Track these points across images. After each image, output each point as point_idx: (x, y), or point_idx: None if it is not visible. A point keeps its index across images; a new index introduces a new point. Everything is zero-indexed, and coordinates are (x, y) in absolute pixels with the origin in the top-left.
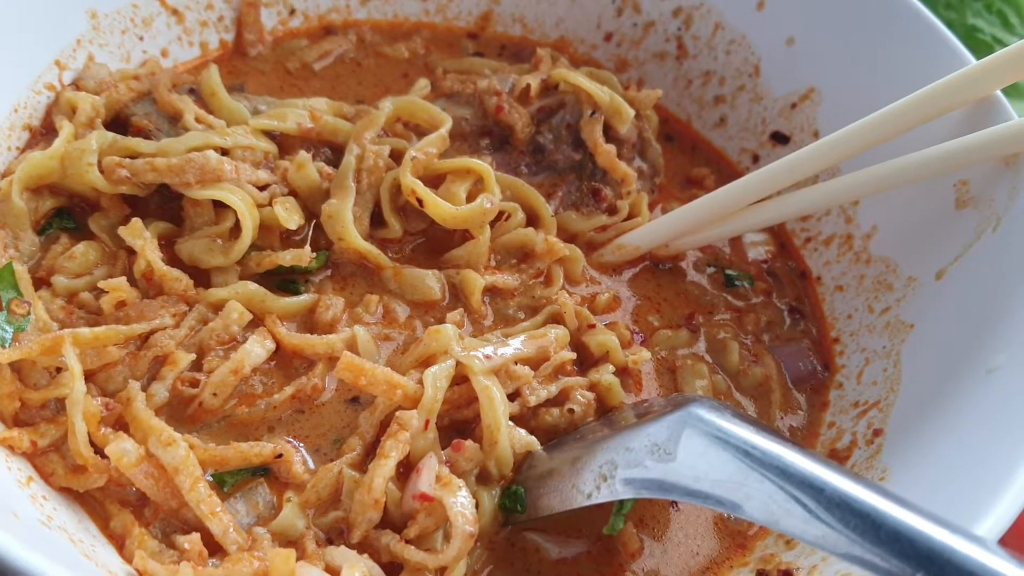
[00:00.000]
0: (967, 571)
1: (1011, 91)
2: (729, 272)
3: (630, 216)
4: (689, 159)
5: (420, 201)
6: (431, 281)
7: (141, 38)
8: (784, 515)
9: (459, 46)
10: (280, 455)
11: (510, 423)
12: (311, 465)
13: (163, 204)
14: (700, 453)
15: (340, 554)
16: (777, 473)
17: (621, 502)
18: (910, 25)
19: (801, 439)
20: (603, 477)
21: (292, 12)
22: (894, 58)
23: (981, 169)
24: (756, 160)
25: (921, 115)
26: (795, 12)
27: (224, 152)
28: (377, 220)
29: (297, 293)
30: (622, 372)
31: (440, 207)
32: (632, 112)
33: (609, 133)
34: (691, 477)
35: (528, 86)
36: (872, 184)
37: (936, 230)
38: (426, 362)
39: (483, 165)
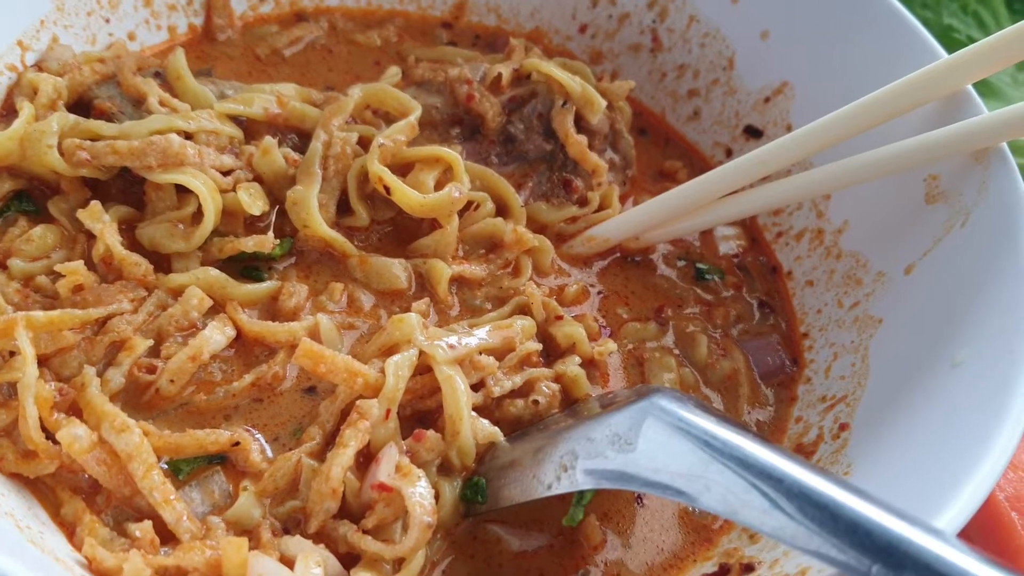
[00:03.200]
0: (924, 563)
1: (987, 92)
2: (700, 266)
3: (601, 208)
4: (662, 152)
5: (387, 189)
6: (397, 270)
7: (107, 20)
8: (742, 506)
9: (433, 35)
10: (237, 443)
11: (473, 414)
12: (269, 454)
13: (125, 188)
14: (661, 443)
15: (295, 544)
16: (736, 463)
17: (581, 493)
18: (883, 20)
19: (768, 434)
20: (564, 467)
21: None
22: (867, 53)
23: (951, 164)
24: (729, 154)
25: (892, 109)
26: (770, 6)
27: (188, 136)
28: (344, 208)
29: (260, 280)
30: (589, 364)
31: (407, 195)
32: (604, 103)
33: (581, 124)
34: (651, 468)
35: (500, 75)
36: (843, 177)
37: (906, 225)
38: (389, 351)
39: (452, 154)
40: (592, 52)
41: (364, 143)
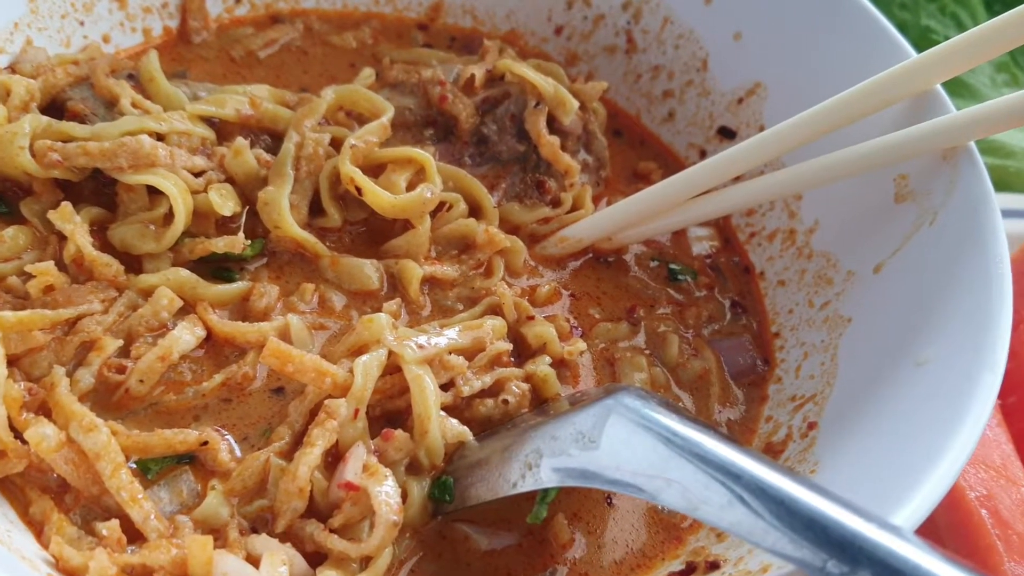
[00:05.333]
0: (878, 558)
1: (966, 93)
2: (672, 266)
3: (574, 208)
4: (637, 153)
5: (359, 190)
6: (369, 270)
7: (82, 23)
8: (702, 502)
9: (408, 36)
10: (205, 443)
11: (442, 413)
12: (238, 454)
13: (98, 190)
14: (623, 440)
15: (262, 542)
16: (696, 459)
17: (545, 490)
18: (853, 20)
19: (739, 433)
20: (529, 466)
21: (238, 0)
22: (838, 53)
23: (920, 163)
24: (703, 155)
25: (863, 108)
26: (742, 7)
27: (160, 137)
28: (316, 209)
29: (232, 281)
30: (560, 364)
31: (379, 196)
32: (576, 103)
33: (553, 125)
34: (613, 466)
35: (473, 76)
36: (814, 177)
37: (876, 224)
38: (359, 351)
39: (424, 154)
40: (568, 53)
41: (337, 144)
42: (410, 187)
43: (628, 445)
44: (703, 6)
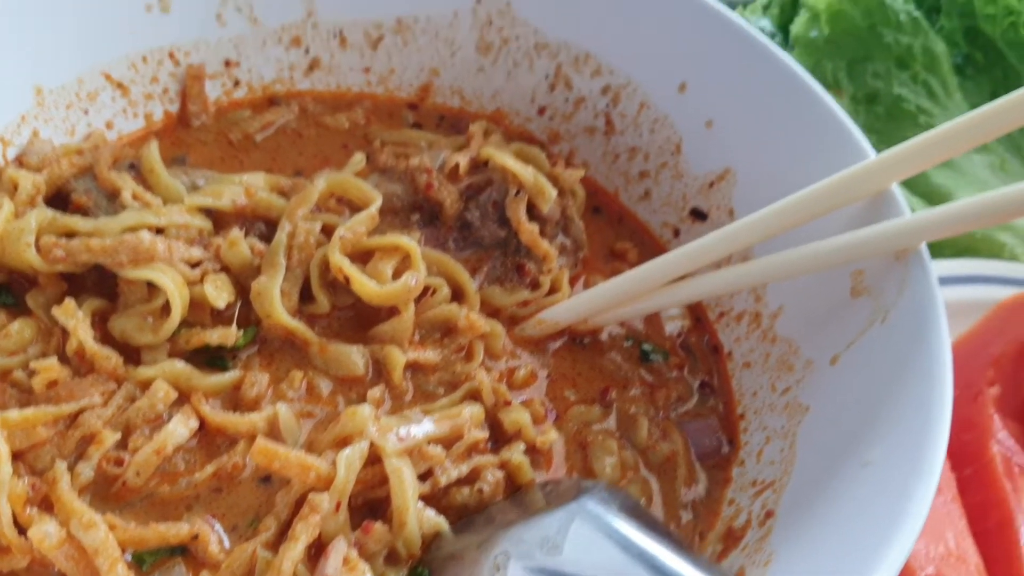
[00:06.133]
0: None
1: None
2: (645, 347)
3: (552, 290)
4: (615, 231)
5: (347, 279)
6: (356, 357)
7: (86, 111)
8: None
9: (399, 116)
10: (196, 536)
11: (420, 503)
12: (227, 544)
13: (100, 280)
14: (584, 547)
15: None
16: (651, 569)
17: None
18: (817, 117)
19: (703, 516)
20: (497, 567)
21: (236, 83)
22: (802, 147)
23: (876, 260)
24: (677, 234)
25: (825, 205)
26: (714, 97)
27: (159, 230)
28: (307, 294)
29: (225, 368)
30: (533, 450)
31: (365, 286)
32: (554, 193)
33: (533, 211)
34: (574, 572)
35: (458, 165)
36: (777, 271)
37: (834, 315)
38: (343, 441)
39: (410, 243)
40: (550, 133)
41: (328, 231)
42: (397, 273)
43: (589, 552)
44: (677, 93)
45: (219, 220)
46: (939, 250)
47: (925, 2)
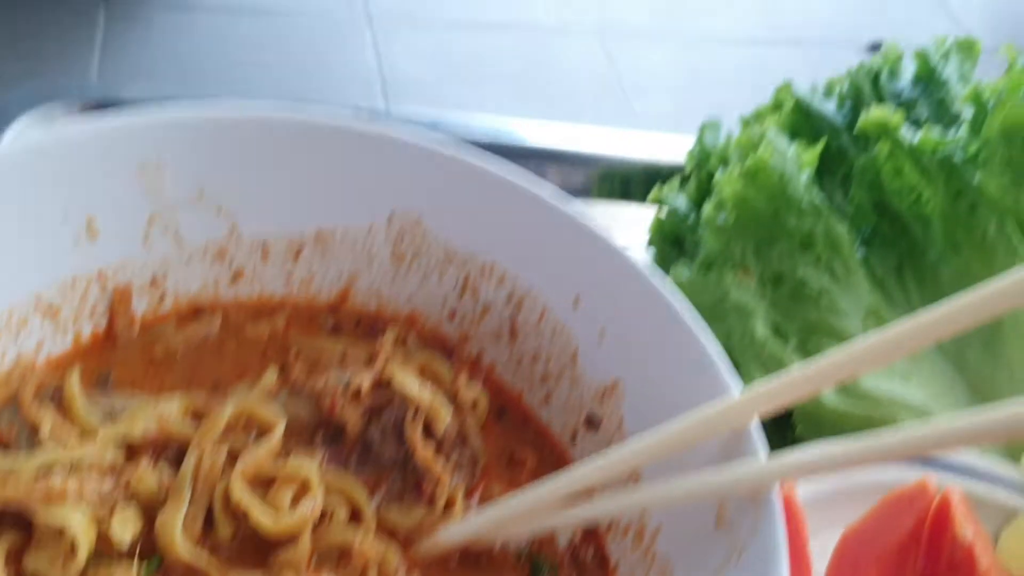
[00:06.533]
0: None
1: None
2: (536, 560)
3: (448, 505)
4: (518, 435)
5: (245, 513)
6: None
7: (16, 337)
8: None
9: (319, 321)
10: None
11: None
12: None
13: (19, 515)
14: None
15: None
16: None
17: None
18: (690, 348)
19: None
20: None
21: (162, 298)
22: (677, 373)
23: (736, 495)
24: (575, 437)
25: (695, 435)
26: (603, 313)
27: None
28: (212, 519)
29: None
30: None
31: (262, 522)
32: (448, 417)
33: (431, 428)
34: None
35: (360, 387)
36: (661, 498)
37: (702, 543)
38: None
39: (309, 471)
40: (461, 335)
41: (235, 454)
42: (297, 497)
43: None
44: (572, 307)
45: (132, 447)
46: (841, 424)
47: (837, 175)
